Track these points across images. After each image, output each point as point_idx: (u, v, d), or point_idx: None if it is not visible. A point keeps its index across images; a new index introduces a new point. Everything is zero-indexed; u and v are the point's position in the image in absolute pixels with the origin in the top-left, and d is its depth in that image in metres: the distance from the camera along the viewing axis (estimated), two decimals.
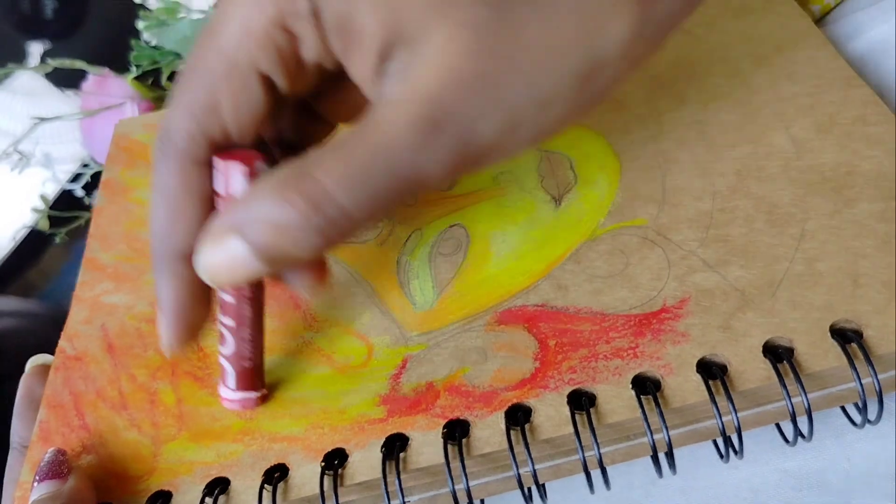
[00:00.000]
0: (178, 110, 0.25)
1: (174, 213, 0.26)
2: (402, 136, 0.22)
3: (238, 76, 0.24)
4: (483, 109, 0.22)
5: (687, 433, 0.26)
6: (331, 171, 0.22)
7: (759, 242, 0.29)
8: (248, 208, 0.23)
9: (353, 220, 0.23)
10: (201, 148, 0.25)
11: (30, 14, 0.79)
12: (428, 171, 0.22)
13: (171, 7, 0.57)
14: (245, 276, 0.24)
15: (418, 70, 0.22)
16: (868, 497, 0.28)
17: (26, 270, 0.74)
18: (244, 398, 0.28)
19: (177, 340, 0.27)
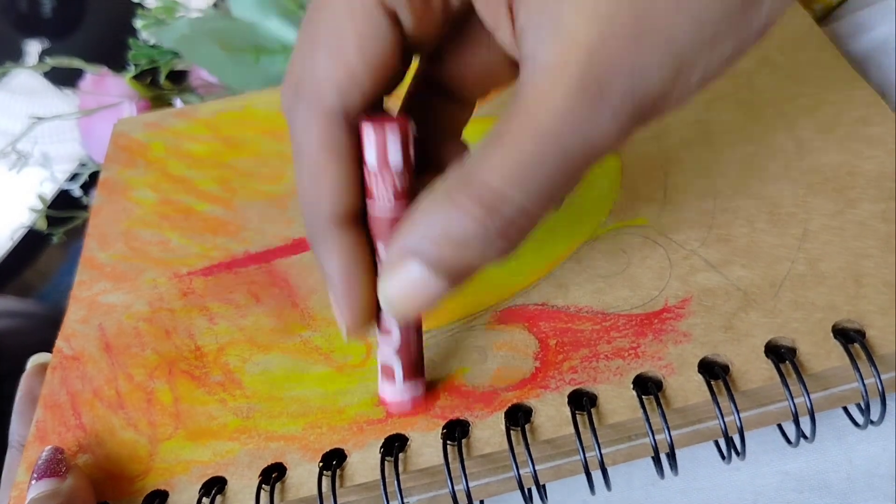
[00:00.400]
0: (302, 55, 0.23)
1: (322, 171, 0.24)
2: (568, 110, 0.19)
3: (363, 11, 0.22)
4: (649, 58, 0.19)
5: (689, 434, 0.26)
6: (499, 169, 0.20)
7: (761, 242, 0.29)
8: (420, 228, 0.22)
9: (533, 215, 0.21)
10: (330, 93, 0.23)
11: (28, 13, 0.79)
12: (602, 141, 0.20)
13: (169, 6, 0.57)
14: (433, 299, 0.23)
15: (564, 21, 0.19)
16: (869, 498, 0.28)
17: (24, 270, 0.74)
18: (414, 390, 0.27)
19: (355, 319, 0.25)
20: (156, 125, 0.43)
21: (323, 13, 0.23)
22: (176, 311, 0.33)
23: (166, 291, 0.34)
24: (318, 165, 0.23)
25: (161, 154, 0.41)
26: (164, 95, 0.59)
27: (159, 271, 0.35)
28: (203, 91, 0.58)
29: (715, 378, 0.25)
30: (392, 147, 0.23)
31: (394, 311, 0.24)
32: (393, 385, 0.27)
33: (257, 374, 0.30)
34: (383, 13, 0.22)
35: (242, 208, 0.37)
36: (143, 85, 0.60)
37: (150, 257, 0.36)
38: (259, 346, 0.31)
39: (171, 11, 0.57)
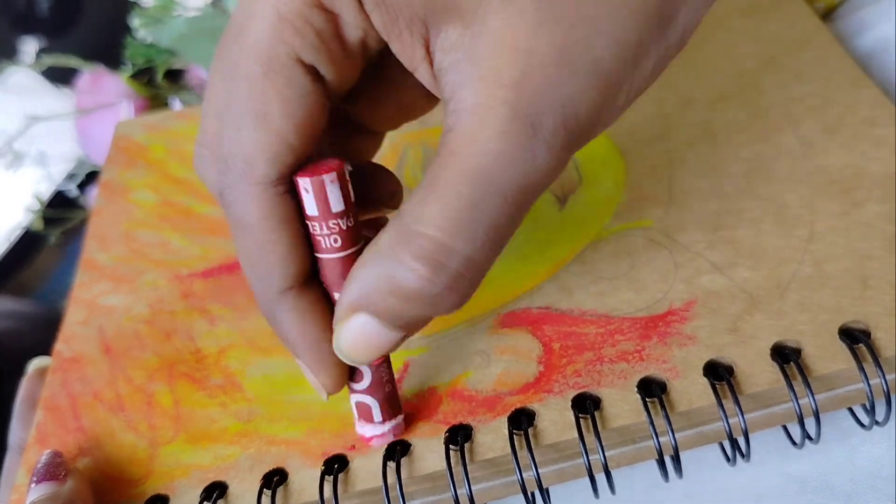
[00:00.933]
0: (227, 129, 0.22)
1: (265, 245, 0.23)
2: (501, 151, 0.19)
3: (281, 72, 0.21)
4: (577, 86, 0.19)
5: (693, 436, 0.25)
6: (438, 220, 0.20)
7: (766, 244, 0.29)
8: (365, 283, 0.21)
9: (481, 264, 0.21)
10: (263, 165, 0.22)
11: (24, 11, 0.79)
12: (540, 176, 0.20)
13: (166, 4, 0.57)
14: (385, 348, 0.23)
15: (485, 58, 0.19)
16: (872, 500, 0.28)
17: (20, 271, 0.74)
18: (394, 426, 0.26)
19: (332, 380, 0.24)
20: (156, 127, 0.43)
21: (237, 81, 0.21)
22: (176, 313, 0.33)
23: (167, 293, 0.34)
24: (263, 240, 0.23)
25: (161, 156, 0.41)
26: (161, 94, 0.59)
27: (159, 273, 0.35)
28: (200, 89, 0.58)
29: (720, 380, 0.25)
30: (332, 194, 0.22)
31: (348, 360, 0.23)
32: (372, 424, 0.26)
33: (258, 377, 0.30)
34: (304, 71, 0.21)
35: None
36: (140, 84, 0.60)
37: (151, 259, 0.35)
38: (260, 350, 0.31)
39: (167, 10, 0.57)
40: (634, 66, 0.20)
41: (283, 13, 0.20)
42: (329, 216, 0.23)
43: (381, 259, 0.21)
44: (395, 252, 0.20)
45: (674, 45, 0.21)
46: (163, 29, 0.55)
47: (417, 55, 0.21)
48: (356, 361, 0.23)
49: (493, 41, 0.19)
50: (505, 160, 0.19)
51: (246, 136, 0.21)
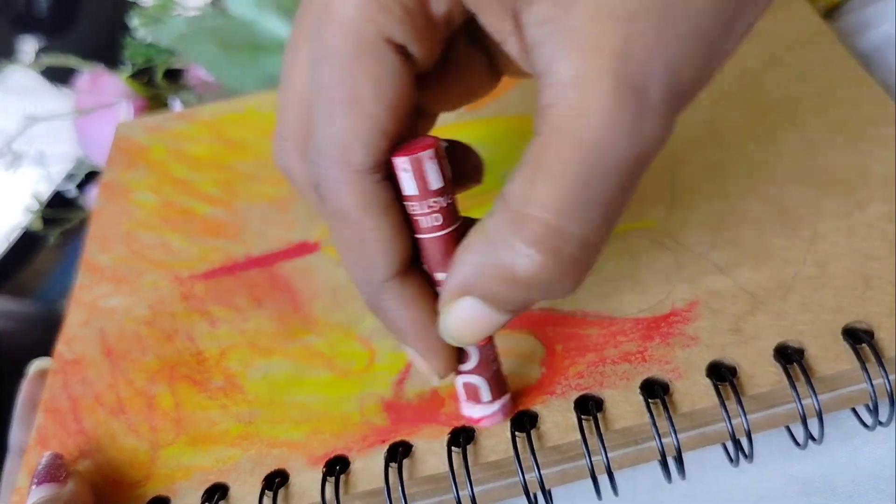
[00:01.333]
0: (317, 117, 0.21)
1: (366, 235, 0.22)
2: (610, 124, 0.18)
3: (371, 53, 0.20)
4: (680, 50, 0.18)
5: (696, 437, 0.25)
6: (550, 202, 0.19)
7: (769, 244, 0.29)
8: (472, 267, 0.21)
9: (596, 246, 0.20)
10: (359, 152, 0.21)
11: (23, 10, 0.78)
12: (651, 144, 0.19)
13: (165, 4, 0.57)
14: (492, 329, 0.22)
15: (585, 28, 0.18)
16: (874, 501, 0.28)
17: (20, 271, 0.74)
18: (503, 404, 0.26)
19: (443, 364, 0.24)
20: (157, 128, 0.43)
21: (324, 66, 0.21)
22: (177, 314, 0.33)
23: (167, 294, 0.34)
24: (365, 229, 0.22)
25: (162, 156, 0.41)
26: (160, 94, 0.59)
27: (160, 274, 0.35)
28: (200, 89, 0.57)
29: (722, 381, 0.25)
30: (430, 172, 0.22)
31: (454, 342, 0.23)
32: (481, 404, 0.26)
33: (259, 379, 0.30)
34: (393, 50, 0.20)
35: (244, 211, 0.37)
36: (139, 83, 0.59)
37: (151, 260, 0.35)
38: (261, 351, 0.31)
39: (167, 9, 0.57)
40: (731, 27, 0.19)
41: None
42: (428, 194, 0.22)
43: (489, 244, 0.20)
44: (505, 237, 0.20)
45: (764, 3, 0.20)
46: (162, 29, 0.55)
47: (506, 27, 0.20)
48: (463, 343, 0.23)
49: (589, 10, 0.18)
50: (616, 133, 0.18)
51: (339, 123, 0.21)
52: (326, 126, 0.21)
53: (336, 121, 0.21)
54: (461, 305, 0.21)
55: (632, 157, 0.19)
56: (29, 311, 0.68)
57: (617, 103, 0.18)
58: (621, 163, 0.19)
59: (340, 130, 0.21)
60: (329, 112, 0.21)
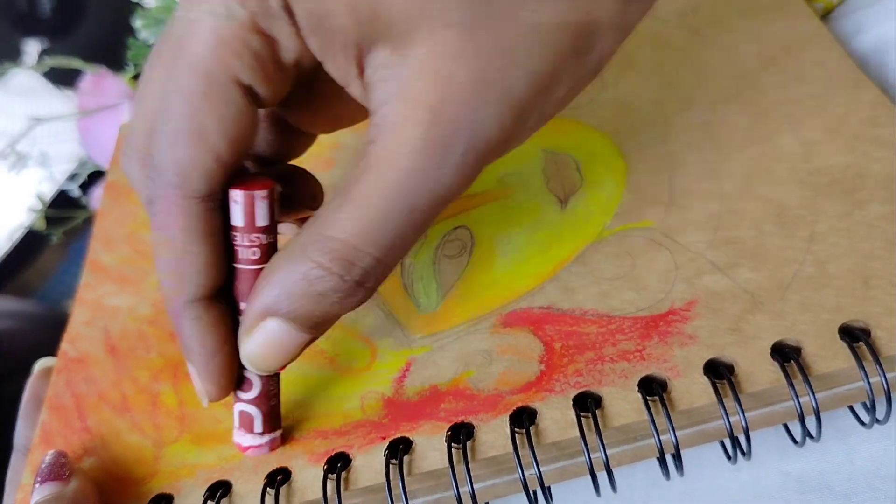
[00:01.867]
0: (161, 142, 0.23)
1: (183, 256, 0.24)
2: (414, 166, 0.21)
3: (219, 92, 0.22)
4: (489, 111, 0.21)
5: (694, 434, 0.25)
6: (350, 226, 0.21)
7: (768, 244, 0.29)
8: (277, 286, 0.22)
9: (387, 264, 0.22)
10: (196, 181, 0.23)
11: (27, 12, 0.79)
12: (447, 191, 0.21)
13: (168, 5, 0.57)
14: (294, 351, 0.24)
15: (409, 80, 0.21)
16: (871, 499, 0.28)
17: (23, 271, 0.74)
18: (272, 439, 0.27)
19: (217, 390, 0.25)
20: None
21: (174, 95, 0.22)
22: None
23: None
24: (183, 250, 0.24)
25: None
26: None
27: None
28: None
29: (720, 379, 0.25)
30: (260, 210, 0.24)
31: (255, 368, 0.25)
32: (251, 434, 0.27)
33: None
34: (241, 92, 0.22)
35: None
36: None
37: None
38: None
39: (170, 11, 0.57)
40: (547, 94, 0.22)
41: (223, 36, 0.21)
42: (253, 230, 0.24)
43: (292, 262, 0.22)
44: (308, 254, 0.22)
45: (589, 72, 0.23)
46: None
47: (350, 73, 0.22)
48: (263, 369, 0.25)
49: (418, 65, 0.21)
50: (417, 177, 0.21)
51: (181, 151, 0.22)
52: (169, 152, 0.22)
53: (179, 149, 0.22)
54: (264, 327, 0.23)
55: (427, 200, 0.21)
56: (32, 310, 0.69)
57: (422, 152, 0.20)
58: (417, 203, 0.21)
59: (182, 158, 0.22)
60: (173, 140, 0.22)
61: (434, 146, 0.21)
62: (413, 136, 0.21)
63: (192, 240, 0.23)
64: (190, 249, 0.23)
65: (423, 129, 0.21)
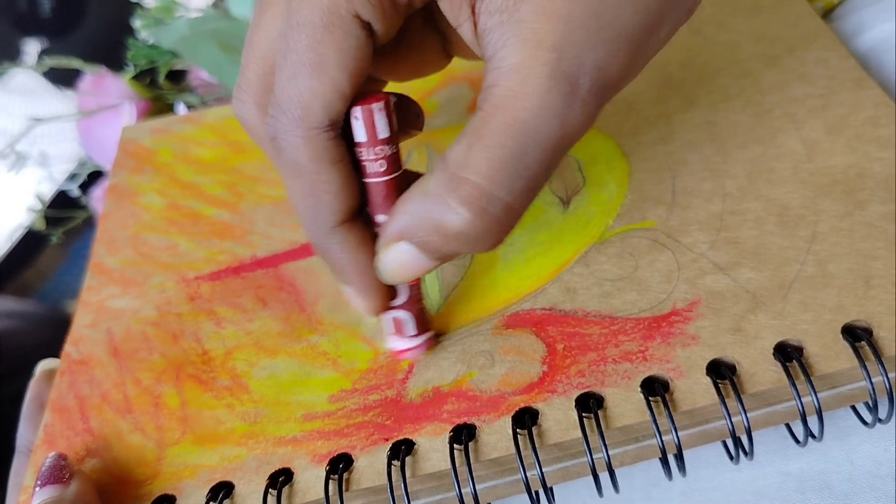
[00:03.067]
0: (283, 77, 0.23)
1: (318, 186, 0.25)
2: (542, 107, 0.21)
3: (340, 26, 0.22)
4: (609, 49, 0.21)
5: (696, 434, 0.26)
6: (484, 169, 0.22)
7: (769, 244, 0.29)
8: (410, 216, 0.23)
9: (518, 211, 0.23)
10: (319, 112, 0.23)
11: (27, 12, 0.79)
12: (576, 129, 0.22)
13: (168, 6, 0.57)
14: (422, 272, 0.25)
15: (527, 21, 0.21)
16: (871, 499, 0.28)
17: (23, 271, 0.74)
18: (426, 339, 0.29)
19: (373, 305, 0.27)
20: (163, 131, 0.43)
21: (294, 30, 0.23)
22: (183, 315, 0.33)
23: (174, 296, 0.34)
24: (316, 180, 0.24)
25: (168, 159, 0.41)
26: (163, 96, 0.59)
27: (167, 276, 0.35)
28: (202, 91, 0.58)
29: (723, 379, 0.25)
30: (380, 122, 0.24)
31: (388, 280, 0.26)
32: (406, 338, 0.29)
33: (264, 378, 0.30)
34: (360, 26, 0.23)
35: (249, 213, 0.37)
36: (142, 85, 0.60)
37: (158, 262, 0.36)
38: (266, 351, 0.31)
39: (169, 11, 0.57)
40: (656, 32, 0.22)
41: None
42: (376, 142, 0.25)
43: (428, 199, 0.23)
44: (442, 195, 0.22)
45: (684, 13, 0.23)
46: (165, 30, 0.55)
47: (463, 14, 0.23)
48: (395, 281, 0.26)
49: (535, 6, 0.21)
50: (546, 115, 0.21)
51: (303, 83, 0.23)
52: (290, 86, 0.23)
53: (300, 82, 0.23)
54: (397, 249, 0.24)
55: (557, 138, 0.22)
56: (32, 310, 0.68)
57: (549, 90, 0.21)
58: (548, 142, 0.21)
59: (303, 91, 0.23)
60: (294, 73, 0.23)
61: (561, 84, 0.21)
62: (538, 76, 0.21)
63: (321, 168, 0.24)
64: (323, 178, 0.24)
65: (548, 68, 0.21)
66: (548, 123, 0.21)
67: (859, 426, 0.28)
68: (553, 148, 0.22)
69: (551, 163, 0.22)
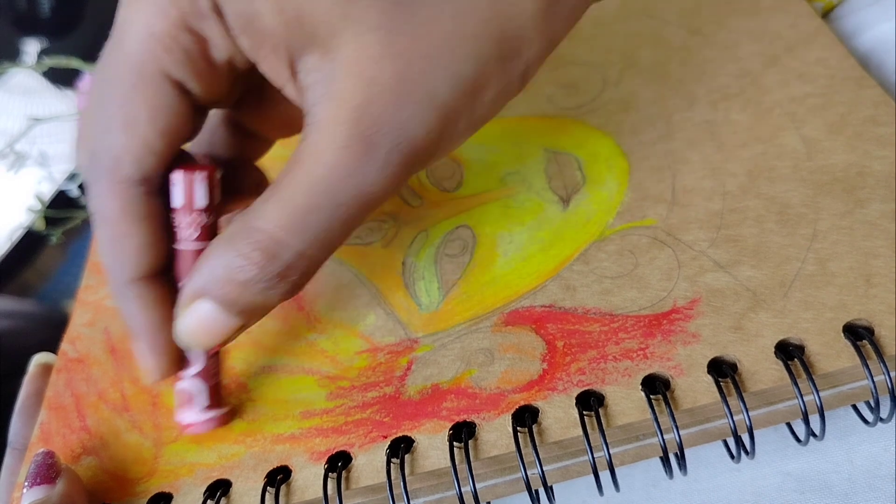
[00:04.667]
0: (97, 127, 0.24)
1: (121, 237, 0.25)
2: (337, 164, 0.21)
3: (149, 84, 0.23)
4: (413, 113, 0.22)
5: (697, 433, 0.25)
6: (276, 217, 0.22)
7: (770, 243, 0.29)
8: (208, 271, 0.23)
9: (311, 259, 0.23)
10: (128, 166, 0.24)
11: (26, 12, 0.78)
12: (372, 189, 0.22)
13: None
14: (226, 333, 0.24)
15: (336, 81, 0.21)
16: (871, 499, 0.28)
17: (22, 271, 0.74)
18: (220, 414, 0.28)
19: (160, 367, 0.26)
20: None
21: (111, 87, 0.23)
22: None
23: None
24: (119, 232, 0.25)
25: None
26: None
27: None
28: None
29: (724, 377, 0.25)
30: (198, 191, 0.25)
31: (187, 342, 0.25)
32: (195, 412, 0.27)
33: (263, 377, 0.30)
34: (170, 85, 0.23)
35: None
36: None
37: None
38: (264, 349, 0.31)
39: None
40: (474, 98, 0.22)
41: (155, 32, 0.22)
42: (191, 210, 0.25)
43: (222, 249, 0.23)
44: (235, 241, 0.23)
45: (516, 79, 0.23)
46: None
47: (284, 75, 0.23)
48: (195, 344, 0.25)
49: (344, 67, 0.21)
50: (340, 172, 0.22)
51: (114, 138, 0.24)
52: (103, 138, 0.24)
53: (112, 135, 0.24)
54: (196, 307, 0.24)
55: (351, 196, 0.22)
56: (31, 310, 0.68)
57: (345, 148, 0.21)
58: (342, 199, 0.22)
59: (114, 144, 0.24)
60: (107, 126, 0.24)
61: (358, 143, 0.21)
62: (338, 133, 0.21)
63: (126, 221, 0.25)
64: (125, 231, 0.25)
65: (347, 126, 0.21)
66: (341, 180, 0.22)
67: (859, 426, 0.28)
68: (347, 205, 0.22)
69: (348, 218, 0.22)
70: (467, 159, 0.36)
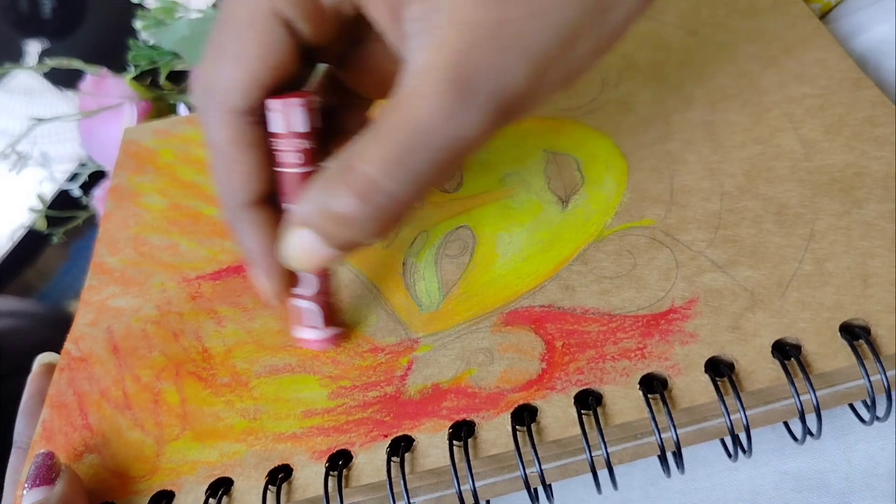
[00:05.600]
0: (211, 62, 0.26)
1: (232, 164, 0.26)
2: (436, 108, 0.22)
3: (261, 22, 0.25)
4: (510, 60, 0.21)
5: (695, 432, 0.26)
6: (373, 159, 0.22)
7: (768, 243, 0.29)
8: (308, 204, 0.24)
9: (403, 202, 0.23)
10: (240, 97, 0.25)
11: (28, 13, 0.79)
12: (468, 135, 0.22)
13: (168, 7, 0.57)
14: (324, 260, 0.25)
15: (437, 28, 0.22)
16: (868, 498, 0.28)
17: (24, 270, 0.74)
18: (332, 334, 0.30)
19: (277, 286, 0.28)
20: (165, 132, 0.43)
21: (227, 25, 0.25)
22: (184, 314, 0.33)
23: (175, 295, 0.34)
24: (230, 159, 0.26)
25: (170, 160, 0.41)
26: (164, 96, 0.59)
27: (168, 275, 0.35)
28: None
29: (721, 377, 0.25)
30: (296, 117, 0.26)
31: (289, 265, 0.26)
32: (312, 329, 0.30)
33: (265, 376, 0.30)
34: (279, 23, 0.25)
35: None
36: (143, 86, 0.60)
37: (160, 262, 0.36)
38: (266, 349, 0.31)
39: (170, 12, 0.57)
40: (569, 48, 0.22)
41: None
42: (290, 135, 0.26)
43: (323, 184, 0.24)
44: (333, 181, 0.23)
45: (612, 31, 0.23)
46: (166, 31, 0.55)
47: (387, 21, 0.24)
48: (297, 267, 0.26)
49: (446, 14, 0.22)
50: (437, 116, 0.22)
51: (225, 70, 0.25)
52: (215, 72, 0.26)
53: (222, 69, 0.25)
54: (297, 235, 0.25)
55: (447, 140, 0.22)
56: (33, 309, 0.68)
57: (444, 92, 0.21)
58: (438, 142, 0.22)
59: (225, 77, 0.25)
60: (219, 61, 0.26)
61: (457, 87, 0.21)
62: (438, 77, 0.21)
63: (236, 149, 0.26)
64: (235, 158, 0.26)
65: (447, 71, 0.21)
66: (439, 125, 0.22)
67: (856, 425, 0.28)
68: (443, 150, 0.22)
69: (442, 163, 0.23)
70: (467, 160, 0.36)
